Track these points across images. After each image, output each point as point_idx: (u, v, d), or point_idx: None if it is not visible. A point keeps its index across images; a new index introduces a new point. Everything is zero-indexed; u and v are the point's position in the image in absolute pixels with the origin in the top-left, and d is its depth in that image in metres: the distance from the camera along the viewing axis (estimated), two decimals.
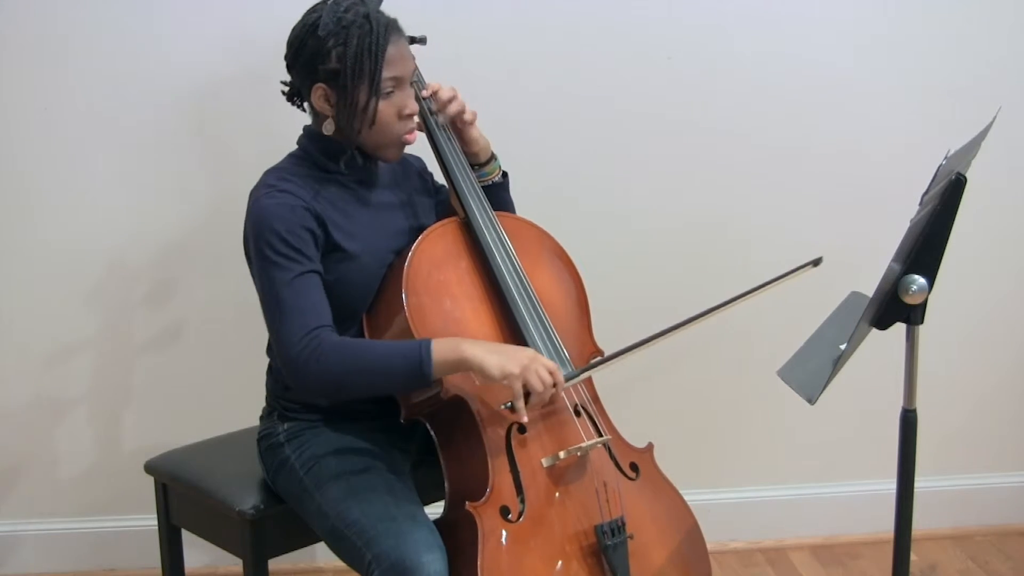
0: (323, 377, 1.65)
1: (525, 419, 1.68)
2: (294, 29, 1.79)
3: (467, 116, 1.92)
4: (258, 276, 1.73)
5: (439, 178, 2.01)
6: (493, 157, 2.00)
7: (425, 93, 1.91)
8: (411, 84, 1.82)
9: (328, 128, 1.79)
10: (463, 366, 1.64)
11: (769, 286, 1.77)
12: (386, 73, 1.74)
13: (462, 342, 1.65)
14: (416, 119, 1.83)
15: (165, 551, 2.07)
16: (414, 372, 1.63)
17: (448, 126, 1.93)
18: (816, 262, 1.79)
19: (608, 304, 2.05)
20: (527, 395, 1.66)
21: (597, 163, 2.50)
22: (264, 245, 1.70)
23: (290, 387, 1.70)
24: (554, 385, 1.67)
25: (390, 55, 1.74)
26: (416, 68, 1.86)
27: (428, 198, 2.00)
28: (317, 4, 1.79)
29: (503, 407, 1.69)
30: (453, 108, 1.90)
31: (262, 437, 1.91)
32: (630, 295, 2.52)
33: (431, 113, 1.91)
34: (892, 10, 2.49)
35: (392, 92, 1.76)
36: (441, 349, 1.64)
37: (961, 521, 2.78)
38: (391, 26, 1.76)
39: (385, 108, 1.76)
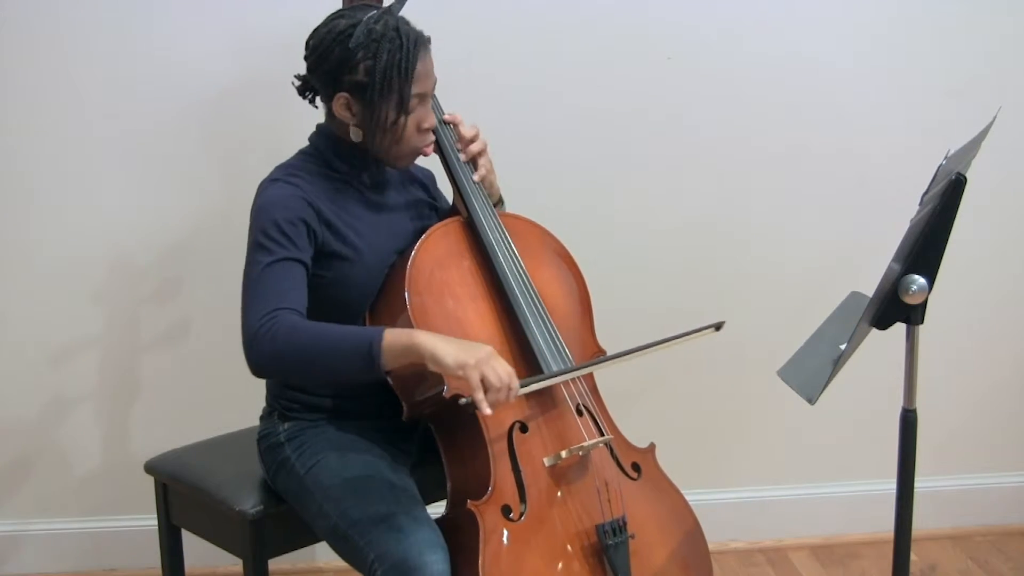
0: (274, 357, 1.61)
1: (488, 411, 1.56)
2: (319, 33, 1.77)
3: (482, 166, 1.92)
4: (246, 258, 1.72)
5: (444, 183, 2.01)
6: (500, 201, 2.01)
7: (446, 118, 1.92)
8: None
9: (356, 136, 1.79)
10: (414, 353, 1.57)
11: (669, 343, 1.78)
12: (413, 90, 1.74)
13: (417, 331, 1.60)
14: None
15: (165, 551, 2.07)
16: (363, 357, 1.57)
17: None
18: (718, 326, 1.81)
19: (608, 304, 2.05)
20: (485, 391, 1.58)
21: (596, 163, 2.50)
22: (258, 230, 1.71)
23: (252, 370, 1.66)
24: (509, 388, 1.59)
25: (418, 71, 1.73)
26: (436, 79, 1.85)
27: (430, 204, 2.01)
28: (344, 10, 1.79)
29: (461, 402, 1.57)
30: (475, 148, 1.91)
31: (262, 437, 1.91)
32: (629, 295, 2.52)
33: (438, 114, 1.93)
34: (892, 10, 2.49)
35: (415, 107, 1.77)
36: (394, 336, 1.58)
37: (961, 521, 2.78)
38: (420, 41, 1.75)
39: (408, 122, 1.76)
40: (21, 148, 2.40)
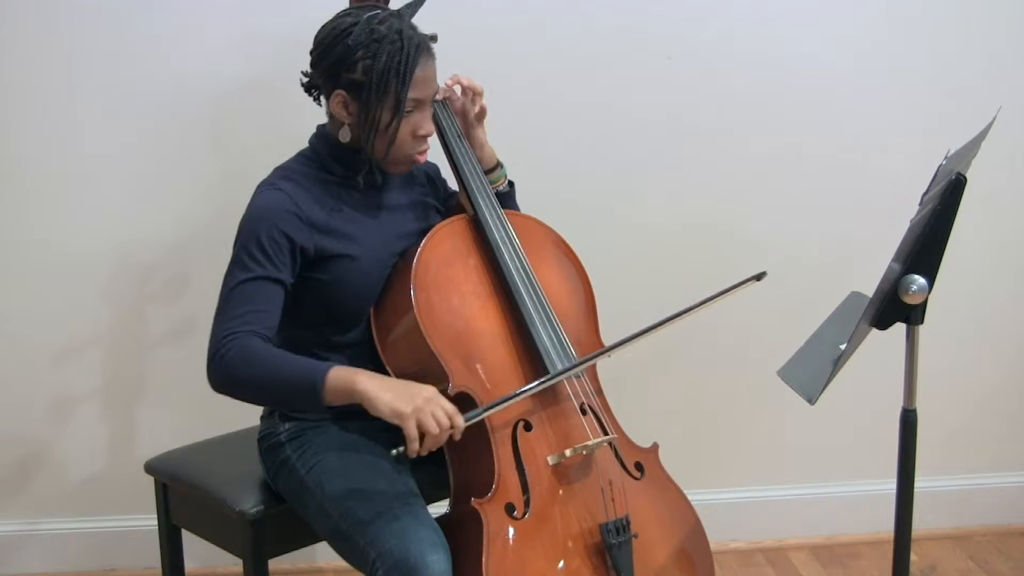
0: (222, 377, 1.66)
1: (413, 455, 1.61)
2: (324, 27, 1.78)
3: (476, 108, 1.94)
4: (227, 266, 1.74)
5: (451, 182, 2.01)
6: (499, 165, 2.00)
7: (442, 92, 1.92)
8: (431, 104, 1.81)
9: (344, 136, 1.79)
10: (355, 398, 1.61)
11: (713, 301, 1.77)
12: (410, 94, 1.73)
13: (359, 374, 1.62)
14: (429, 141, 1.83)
15: (165, 551, 2.07)
16: (307, 393, 1.62)
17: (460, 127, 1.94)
18: (759, 276, 1.78)
19: (610, 304, 2.05)
20: (422, 436, 1.61)
21: (596, 163, 2.50)
22: (242, 241, 1.72)
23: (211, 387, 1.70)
24: (451, 427, 1.62)
25: (417, 77, 1.73)
26: (438, 88, 1.85)
27: (436, 202, 2.00)
28: (353, 8, 1.79)
29: (392, 453, 1.62)
30: (466, 83, 1.93)
31: (263, 437, 1.91)
32: (630, 294, 2.51)
33: (444, 111, 1.92)
34: (892, 10, 2.49)
35: (412, 112, 1.76)
36: (337, 378, 1.61)
37: (961, 521, 2.78)
38: (422, 46, 1.74)
39: (402, 127, 1.76)
40: (23, 146, 2.40)
